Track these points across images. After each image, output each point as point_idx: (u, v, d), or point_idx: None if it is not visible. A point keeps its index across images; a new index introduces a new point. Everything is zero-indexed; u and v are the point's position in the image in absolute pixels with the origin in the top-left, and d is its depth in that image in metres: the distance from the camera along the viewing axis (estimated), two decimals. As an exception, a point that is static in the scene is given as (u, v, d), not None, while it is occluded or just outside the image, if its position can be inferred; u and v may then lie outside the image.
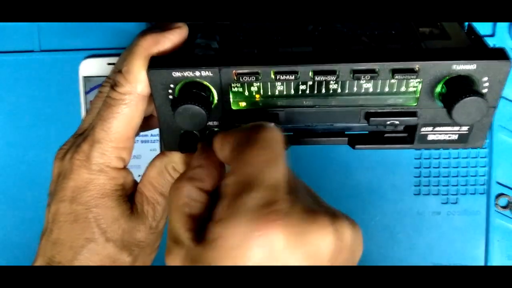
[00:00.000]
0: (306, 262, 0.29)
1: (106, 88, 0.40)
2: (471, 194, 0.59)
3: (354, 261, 0.32)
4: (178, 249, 0.32)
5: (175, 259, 0.32)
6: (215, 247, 0.30)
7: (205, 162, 0.36)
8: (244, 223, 0.29)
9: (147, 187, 0.41)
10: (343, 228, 0.31)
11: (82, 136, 0.40)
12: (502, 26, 0.56)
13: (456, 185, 0.59)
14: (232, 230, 0.29)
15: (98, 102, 0.41)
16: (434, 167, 0.58)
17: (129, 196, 0.41)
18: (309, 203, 0.32)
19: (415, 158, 0.58)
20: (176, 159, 0.41)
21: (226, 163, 0.36)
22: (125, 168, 0.41)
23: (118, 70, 0.38)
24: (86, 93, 0.56)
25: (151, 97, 0.38)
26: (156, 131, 0.56)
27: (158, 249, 0.44)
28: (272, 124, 0.33)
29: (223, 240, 0.29)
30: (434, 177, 0.59)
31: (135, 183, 0.42)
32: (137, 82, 0.37)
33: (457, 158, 0.58)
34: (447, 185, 0.59)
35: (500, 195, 0.59)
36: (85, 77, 0.55)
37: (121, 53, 0.40)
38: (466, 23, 0.40)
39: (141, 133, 0.54)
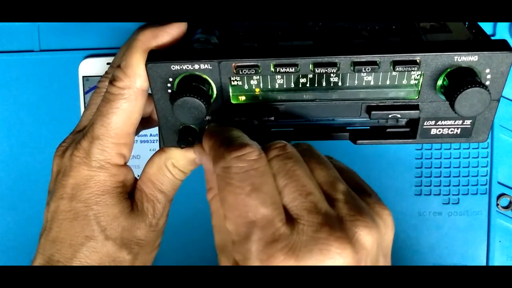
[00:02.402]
0: None
1: (104, 83, 0.40)
2: (472, 194, 0.58)
3: (385, 254, 0.32)
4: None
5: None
6: None
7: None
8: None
9: (146, 184, 0.41)
10: (360, 241, 0.30)
11: (82, 133, 0.39)
12: (503, 26, 0.56)
13: (458, 185, 0.58)
14: None
15: (96, 98, 0.40)
16: (435, 167, 0.58)
17: (129, 193, 0.41)
18: (323, 215, 0.30)
19: (416, 158, 0.58)
20: (175, 155, 0.40)
21: None
22: (125, 164, 0.40)
23: (116, 64, 0.38)
24: (86, 92, 0.56)
25: (150, 95, 0.38)
26: (155, 131, 0.55)
27: (158, 247, 0.43)
28: (246, 150, 0.32)
29: None
30: (435, 177, 0.58)
31: (135, 180, 0.42)
32: (136, 76, 0.37)
33: (458, 158, 0.58)
34: (448, 185, 0.58)
35: (501, 195, 0.58)
36: (84, 76, 0.55)
37: (120, 53, 0.40)
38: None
39: (141, 133, 0.54)
